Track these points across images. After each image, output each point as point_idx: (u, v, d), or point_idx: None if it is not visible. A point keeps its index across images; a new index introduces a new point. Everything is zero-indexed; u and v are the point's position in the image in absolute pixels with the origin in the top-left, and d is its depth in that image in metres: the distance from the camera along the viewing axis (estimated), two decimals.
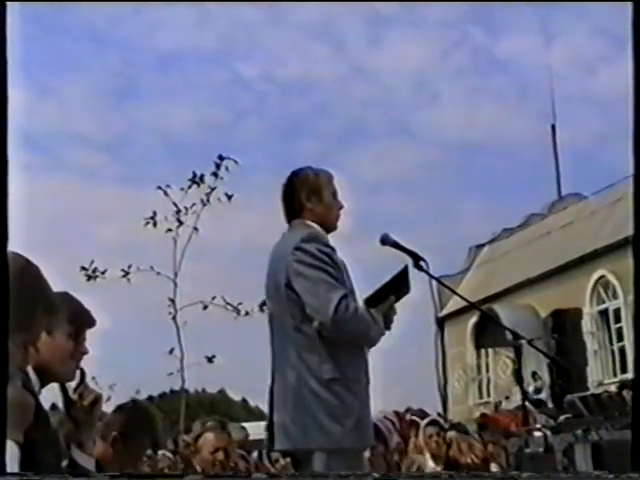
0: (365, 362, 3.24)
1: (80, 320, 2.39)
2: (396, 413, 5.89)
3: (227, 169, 8.79)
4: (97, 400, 2.40)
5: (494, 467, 5.11)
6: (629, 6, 1.76)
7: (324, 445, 3.03)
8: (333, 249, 3.22)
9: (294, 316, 3.13)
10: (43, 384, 2.23)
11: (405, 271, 3.27)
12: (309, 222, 3.31)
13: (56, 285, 1.94)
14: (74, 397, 2.38)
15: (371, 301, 3.26)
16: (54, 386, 2.36)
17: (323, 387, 3.05)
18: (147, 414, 3.13)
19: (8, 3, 1.44)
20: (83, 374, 2.44)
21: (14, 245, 1.51)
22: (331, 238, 3.37)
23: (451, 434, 5.11)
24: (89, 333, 2.44)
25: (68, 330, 2.32)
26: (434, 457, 5.11)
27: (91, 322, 2.45)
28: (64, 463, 2.29)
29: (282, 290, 3.16)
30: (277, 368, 3.20)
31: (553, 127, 25.93)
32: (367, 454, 4.50)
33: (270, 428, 3.19)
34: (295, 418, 3.06)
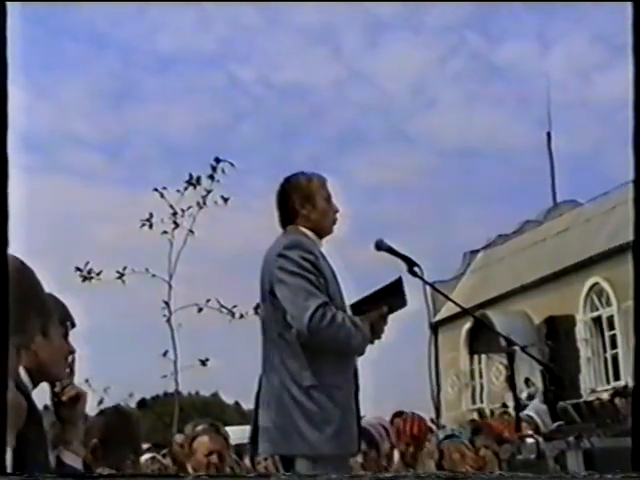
0: (350, 369, 3.23)
1: (67, 321, 2.40)
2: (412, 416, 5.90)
3: (223, 171, 8.80)
4: (79, 396, 2.39)
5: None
6: (628, 7, 1.77)
7: (304, 451, 3.05)
8: (317, 256, 3.21)
9: (277, 322, 3.16)
10: (35, 385, 2.23)
11: (399, 283, 3.26)
12: (302, 228, 3.32)
13: (51, 286, 1.94)
14: (57, 390, 2.38)
15: (357, 307, 3.25)
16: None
17: (303, 394, 3.07)
18: (128, 421, 3.11)
19: (8, 3, 1.44)
20: (71, 371, 2.45)
21: (11, 247, 1.51)
22: (326, 243, 3.37)
23: (443, 444, 5.11)
24: (81, 334, 2.45)
25: (61, 331, 2.32)
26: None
27: (74, 322, 2.46)
28: (52, 463, 2.29)
29: (267, 296, 3.20)
30: (264, 372, 3.23)
31: (549, 134, 26.05)
32: (359, 459, 4.50)
33: (254, 432, 3.20)
34: (277, 423, 3.09)
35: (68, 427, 2.40)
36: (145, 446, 8.54)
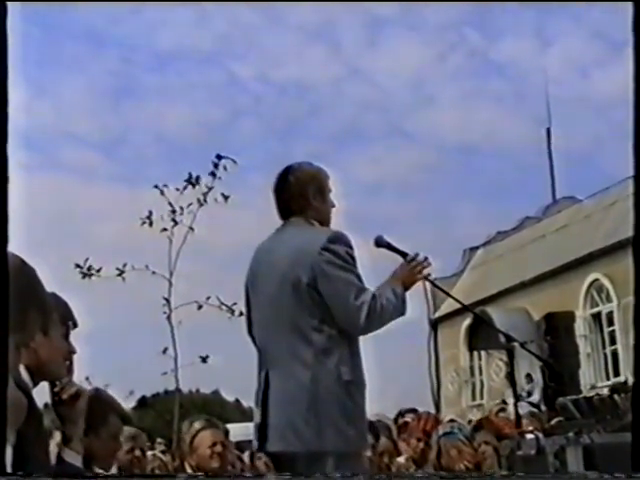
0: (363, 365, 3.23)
1: (68, 320, 2.40)
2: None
3: (225, 168, 8.80)
4: (78, 394, 2.39)
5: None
6: (628, 7, 1.77)
7: (338, 447, 3.00)
8: (354, 250, 3.18)
9: (314, 316, 3.06)
10: (35, 383, 2.23)
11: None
12: (311, 220, 3.26)
13: (51, 283, 1.94)
14: (56, 389, 2.38)
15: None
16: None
17: (341, 389, 3.02)
18: (107, 404, 3.07)
19: (8, 3, 1.44)
20: (70, 369, 2.45)
21: (10, 244, 1.51)
22: None
23: (440, 440, 5.10)
24: (81, 332, 2.45)
25: (62, 330, 2.33)
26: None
27: (75, 322, 2.46)
28: (52, 461, 2.30)
29: (302, 289, 3.06)
30: (280, 368, 3.10)
31: (548, 130, 26.05)
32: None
33: (263, 429, 3.11)
34: (309, 419, 2.99)
35: (68, 425, 2.41)
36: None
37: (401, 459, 5.54)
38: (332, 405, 3.00)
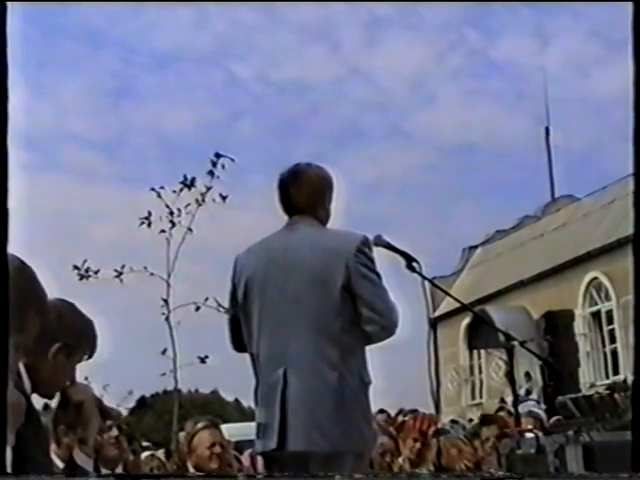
0: None
1: (88, 351, 2.36)
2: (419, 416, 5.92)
3: (223, 167, 8.79)
4: (81, 402, 2.36)
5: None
6: (628, 7, 1.76)
7: (361, 448, 3.06)
8: None
9: (344, 316, 3.05)
10: (34, 384, 2.22)
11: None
12: (318, 220, 3.25)
13: (49, 285, 1.94)
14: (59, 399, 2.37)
15: None
16: None
17: (362, 390, 3.07)
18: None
19: (8, 3, 1.44)
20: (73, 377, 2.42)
21: (10, 245, 1.51)
22: None
23: (440, 440, 5.11)
24: None
25: (77, 357, 2.31)
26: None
27: (92, 355, 2.38)
28: (61, 464, 2.30)
29: (335, 290, 3.04)
30: (301, 368, 3.05)
31: (547, 129, 26.06)
32: None
33: (282, 429, 3.01)
34: (336, 419, 2.98)
35: (83, 428, 2.39)
36: (145, 444, 8.58)
37: (398, 459, 5.54)
38: (356, 406, 3.03)
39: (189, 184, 8.75)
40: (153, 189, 8.75)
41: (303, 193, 3.23)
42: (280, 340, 3.11)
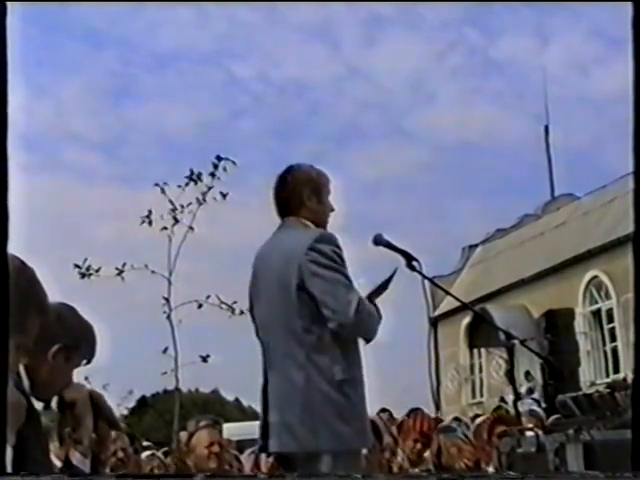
0: (361, 363, 3.25)
1: (87, 356, 2.36)
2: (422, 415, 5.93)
3: (225, 169, 8.81)
4: (74, 401, 2.35)
5: (490, 468, 5.12)
6: (628, 7, 1.77)
7: (333, 446, 3.01)
8: (342, 250, 3.20)
9: (303, 317, 3.09)
10: (32, 386, 2.22)
11: (394, 273, 3.29)
12: (305, 221, 3.28)
13: (50, 284, 1.94)
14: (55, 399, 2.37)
15: (371, 297, 3.29)
16: None
17: (334, 388, 3.04)
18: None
19: (8, 3, 1.44)
20: (70, 381, 2.42)
21: (10, 245, 1.51)
22: None
23: (440, 438, 5.10)
24: None
25: (76, 361, 2.31)
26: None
27: (91, 360, 2.38)
28: (59, 463, 2.29)
29: (292, 291, 3.10)
30: (277, 369, 3.16)
31: (546, 128, 26.04)
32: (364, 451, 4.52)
33: (265, 429, 3.15)
34: (304, 419, 3.02)
35: (77, 428, 2.39)
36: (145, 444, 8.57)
37: (397, 458, 5.54)
38: (326, 405, 3.02)
39: (195, 178, 8.76)
40: (157, 184, 8.77)
41: (283, 196, 3.33)
42: (265, 343, 3.26)
